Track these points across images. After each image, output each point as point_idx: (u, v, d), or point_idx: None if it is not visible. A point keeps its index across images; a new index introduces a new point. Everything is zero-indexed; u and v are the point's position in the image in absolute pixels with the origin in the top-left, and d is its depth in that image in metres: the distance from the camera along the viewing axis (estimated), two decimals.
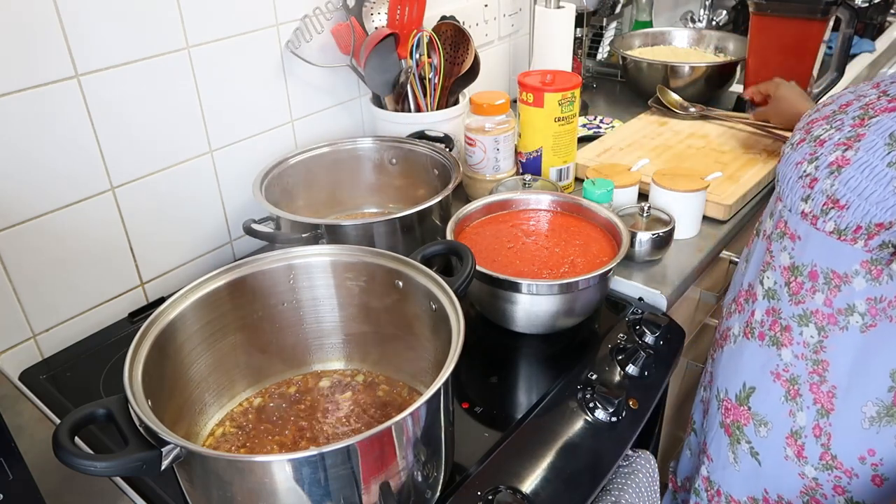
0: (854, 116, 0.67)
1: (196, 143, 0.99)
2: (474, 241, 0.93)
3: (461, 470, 0.70)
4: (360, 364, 0.83)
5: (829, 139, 0.67)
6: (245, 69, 1.02)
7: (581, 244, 0.91)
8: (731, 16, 2.05)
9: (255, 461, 0.55)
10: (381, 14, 1.12)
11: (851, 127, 0.66)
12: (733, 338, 0.82)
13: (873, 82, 0.72)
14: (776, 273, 0.74)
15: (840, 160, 0.64)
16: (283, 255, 0.76)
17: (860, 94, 0.71)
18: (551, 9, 1.33)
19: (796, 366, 0.73)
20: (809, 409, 0.73)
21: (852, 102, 0.70)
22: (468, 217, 0.96)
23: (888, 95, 0.67)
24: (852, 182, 0.63)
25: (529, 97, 1.10)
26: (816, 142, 0.68)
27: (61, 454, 0.51)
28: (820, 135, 0.69)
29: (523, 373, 0.85)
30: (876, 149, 0.62)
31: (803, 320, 0.71)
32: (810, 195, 0.66)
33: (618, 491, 0.75)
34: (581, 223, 0.95)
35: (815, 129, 0.70)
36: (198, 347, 0.72)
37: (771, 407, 0.77)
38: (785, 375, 0.74)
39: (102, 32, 0.84)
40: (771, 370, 0.76)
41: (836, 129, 0.67)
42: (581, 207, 0.96)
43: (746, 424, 0.79)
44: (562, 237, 0.93)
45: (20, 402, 0.81)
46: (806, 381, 0.73)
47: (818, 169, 0.66)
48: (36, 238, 0.84)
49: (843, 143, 0.65)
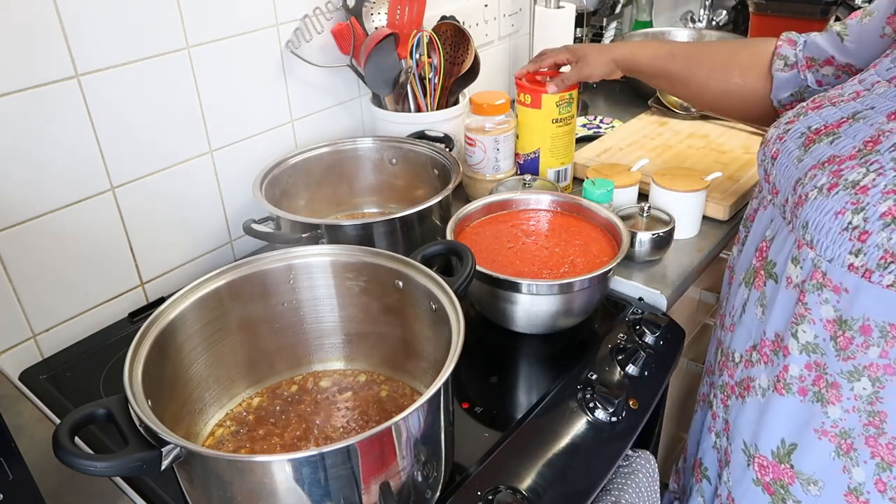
0: (893, 158, 0.61)
1: (196, 143, 0.99)
2: (474, 241, 0.93)
3: (461, 470, 0.70)
4: (361, 364, 0.83)
5: (872, 185, 0.60)
6: (245, 69, 1.02)
7: (581, 244, 0.91)
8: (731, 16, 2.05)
9: (255, 461, 0.55)
10: (381, 14, 1.12)
11: (895, 171, 0.60)
12: (759, 390, 0.75)
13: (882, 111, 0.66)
14: (816, 327, 0.67)
15: (895, 210, 0.58)
16: (283, 255, 0.76)
17: (878, 126, 0.65)
18: (551, 9, 1.34)
19: (847, 420, 0.67)
20: (867, 463, 0.67)
21: (879, 139, 0.63)
22: (468, 217, 0.96)
23: None
24: None
25: (527, 98, 1.10)
26: (857, 188, 0.61)
27: (61, 454, 0.51)
28: (858, 180, 0.61)
29: (523, 373, 0.85)
30: None
31: (854, 376, 0.66)
32: (861, 249, 0.60)
33: (618, 491, 0.75)
34: (581, 223, 0.95)
35: (848, 172, 0.63)
36: (198, 347, 0.72)
37: (820, 464, 0.70)
38: (833, 431, 0.69)
39: (102, 32, 0.84)
40: (815, 427, 0.70)
41: (876, 172, 0.61)
42: (581, 207, 0.96)
43: (791, 484, 0.73)
44: (562, 237, 0.93)
45: (20, 402, 0.81)
46: (861, 433, 0.67)
47: (868, 221, 0.59)
48: (36, 238, 0.84)
49: (893, 191, 0.59)
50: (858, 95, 0.69)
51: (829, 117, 0.69)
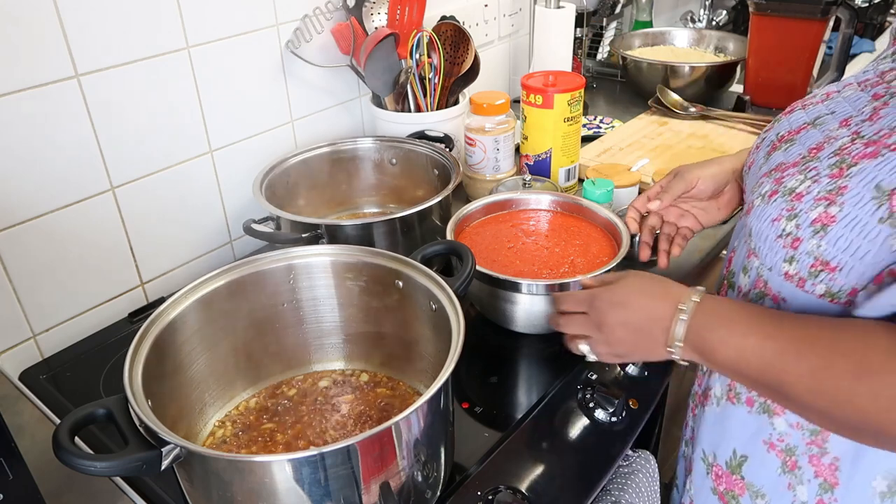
0: (830, 165, 0.58)
1: (196, 143, 0.99)
2: (474, 241, 0.93)
3: (461, 470, 0.70)
4: (361, 364, 0.83)
5: (807, 192, 0.58)
6: (245, 69, 1.02)
7: (581, 244, 0.91)
8: (731, 16, 2.06)
9: (255, 461, 0.55)
10: (381, 14, 1.12)
11: (830, 178, 0.57)
12: (716, 399, 0.74)
13: (838, 117, 0.63)
14: None
15: (824, 217, 0.56)
16: (283, 255, 0.76)
17: (827, 132, 0.62)
18: (551, 9, 1.34)
19: (792, 436, 0.66)
20: (811, 482, 0.66)
21: (823, 146, 0.61)
22: (468, 217, 0.96)
23: (863, 138, 0.58)
24: (841, 242, 0.55)
25: (538, 99, 1.10)
26: (793, 195, 0.59)
27: (61, 454, 0.51)
28: (795, 187, 0.60)
29: (523, 373, 0.85)
30: (863, 203, 0.54)
31: None
32: (794, 256, 0.58)
33: (618, 491, 0.75)
34: (581, 223, 0.95)
35: (788, 179, 0.61)
36: (198, 347, 0.72)
37: (767, 479, 0.69)
38: (780, 445, 0.67)
39: (102, 32, 0.84)
40: (764, 439, 0.68)
41: (812, 180, 0.59)
42: (581, 207, 0.96)
43: (742, 495, 0.72)
44: (562, 237, 0.93)
45: (20, 402, 0.81)
46: (805, 452, 0.65)
47: (800, 227, 0.58)
48: (36, 238, 0.84)
49: (825, 198, 0.57)
50: (828, 97, 0.67)
51: (795, 122, 0.68)
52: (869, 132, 0.58)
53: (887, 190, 0.53)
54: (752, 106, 1.49)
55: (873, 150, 0.56)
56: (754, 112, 1.47)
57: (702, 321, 0.61)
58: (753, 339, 0.58)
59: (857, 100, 0.63)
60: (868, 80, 0.64)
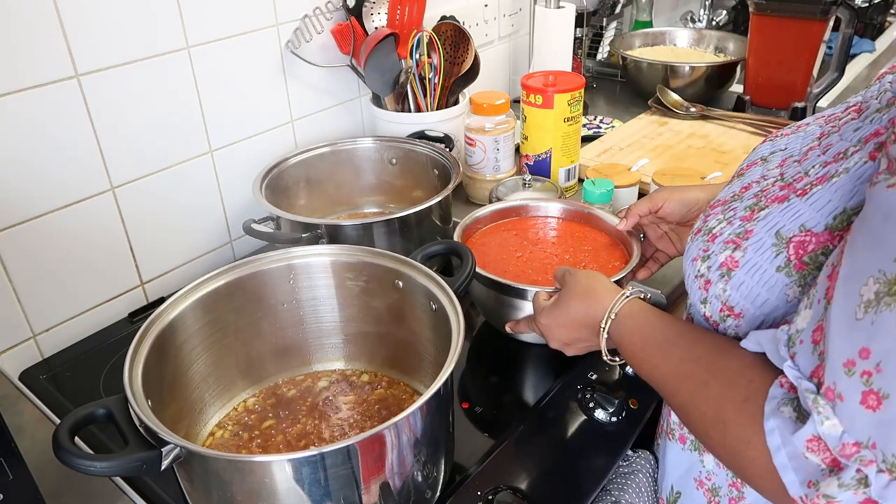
0: (746, 206, 0.57)
1: (196, 143, 0.99)
2: (481, 250, 0.91)
3: (461, 470, 0.70)
4: (361, 364, 0.83)
5: (720, 234, 0.57)
6: (245, 69, 1.02)
7: (591, 250, 0.90)
8: (731, 16, 2.06)
9: (255, 461, 0.55)
10: (381, 14, 1.12)
11: (741, 220, 0.56)
12: (662, 433, 0.74)
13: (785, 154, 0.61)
14: None
15: (730, 261, 0.55)
16: (283, 255, 0.76)
17: (766, 171, 0.61)
18: (551, 9, 1.34)
19: (717, 475, 0.65)
20: None
21: (751, 186, 0.60)
22: (475, 223, 0.94)
23: (783, 180, 0.57)
24: (744, 288, 0.54)
25: (538, 99, 1.10)
26: (709, 236, 0.58)
27: (61, 454, 0.51)
28: (713, 227, 0.59)
29: (523, 373, 0.85)
30: (764, 249, 0.53)
31: None
32: (706, 298, 0.57)
33: (618, 491, 0.75)
34: (589, 230, 0.94)
35: (711, 219, 0.60)
36: (198, 347, 0.72)
37: None
38: (707, 484, 0.66)
39: (102, 32, 0.84)
40: (695, 476, 0.67)
41: (727, 221, 0.58)
42: (590, 216, 0.94)
43: None
44: (570, 244, 0.92)
45: (20, 402, 0.81)
46: (726, 494, 0.64)
47: (710, 270, 0.57)
48: (36, 238, 0.84)
49: (732, 241, 0.56)
50: (798, 129, 0.64)
51: (755, 155, 0.65)
52: (790, 174, 0.57)
53: (786, 237, 0.52)
54: (752, 106, 1.49)
55: (784, 194, 0.55)
56: (754, 112, 1.47)
57: (618, 331, 0.65)
58: (648, 364, 0.61)
59: (809, 135, 0.61)
60: (834, 115, 0.61)
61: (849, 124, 0.55)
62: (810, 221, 0.51)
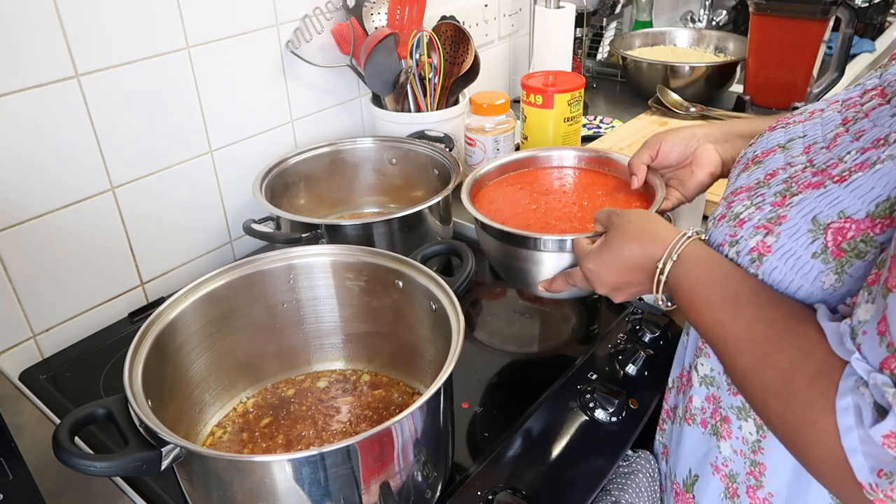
0: (776, 192, 0.56)
1: (196, 143, 0.99)
2: (491, 207, 0.85)
3: (461, 470, 0.70)
4: (361, 364, 0.83)
5: (748, 219, 0.56)
6: (245, 69, 1.02)
7: (604, 194, 0.85)
8: (731, 16, 2.06)
9: (255, 461, 0.55)
10: (381, 14, 1.12)
11: (772, 206, 0.55)
12: (677, 419, 0.73)
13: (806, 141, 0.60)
14: (711, 360, 0.66)
15: (761, 247, 0.54)
16: (283, 255, 0.76)
17: (790, 158, 0.59)
18: (551, 9, 1.33)
19: (735, 462, 0.65)
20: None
21: (778, 172, 0.59)
22: (483, 178, 0.90)
23: (814, 166, 0.56)
24: (776, 274, 0.53)
25: (538, 99, 1.11)
26: (736, 221, 0.57)
27: (61, 454, 0.51)
28: (740, 213, 0.58)
29: (523, 373, 0.85)
30: (799, 235, 0.52)
31: (742, 413, 0.63)
32: None
33: (618, 491, 0.75)
34: (608, 178, 0.90)
35: (736, 204, 0.59)
36: (198, 347, 0.72)
37: (711, 502, 0.69)
38: (724, 470, 0.66)
39: (102, 32, 0.84)
40: (711, 461, 0.68)
41: (756, 206, 0.57)
42: (610, 160, 0.89)
43: None
44: (584, 191, 0.87)
45: (20, 402, 0.81)
46: (743, 481, 0.64)
47: (739, 255, 0.56)
48: (36, 238, 0.84)
49: (764, 227, 0.54)
50: (811, 116, 0.64)
51: (771, 142, 0.64)
52: (820, 160, 0.56)
53: (823, 223, 0.51)
54: (752, 106, 1.49)
55: (818, 181, 0.54)
56: (754, 112, 1.47)
57: (678, 274, 0.61)
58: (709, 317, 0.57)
59: (830, 122, 0.60)
60: (850, 100, 0.61)
61: (879, 110, 0.54)
62: (850, 208, 0.50)
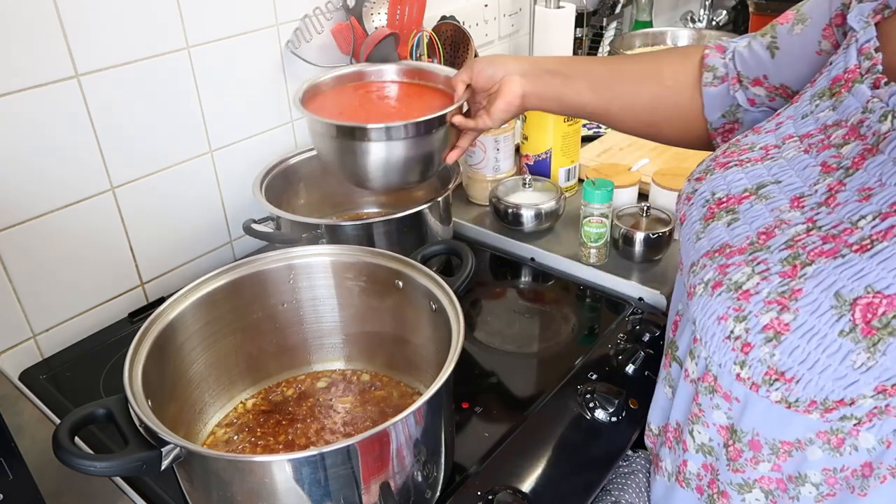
0: (782, 259, 0.51)
1: (196, 143, 0.99)
2: (324, 106, 0.93)
3: (461, 470, 0.70)
4: (361, 364, 0.83)
5: (755, 292, 0.51)
6: (245, 69, 1.02)
7: (425, 101, 0.93)
8: (731, 16, 2.05)
9: (255, 461, 0.55)
10: (381, 14, 1.12)
11: (781, 277, 0.51)
12: (666, 473, 0.69)
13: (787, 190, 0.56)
14: (710, 430, 0.61)
15: (777, 324, 0.50)
16: (283, 255, 0.76)
17: (777, 213, 0.55)
18: (551, 9, 1.34)
19: None
20: None
21: (774, 232, 0.54)
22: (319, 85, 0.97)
23: (820, 229, 0.51)
24: (798, 353, 0.49)
25: None
26: (739, 292, 0.53)
27: (61, 454, 0.51)
28: (741, 282, 0.53)
29: (523, 373, 0.85)
30: (821, 312, 0.48)
31: (744, 488, 0.60)
32: (745, 361, 0.53)
33: (618, 491, 0.75)
34: (425, 89, 0.97)
35: (733, 271, 0.54)
36: (198, 347, 0.72)
37: None
38: None
39: (102, 32, 0.84)
40: None
41: (760, 276, 0.52)
42: (422, 71, 0.99)
43: None
44: (409, 99, 0.95)
45: (20, 402, 0.81)
46: None
47: (749, 332, 0.51)
48: (36, 238, 0.84)
49: (777, 301, 0.50)
50: (767, 154, 0.60)
51: (734, 185, 0.60)
52: (826, 223, 0.51)
53: (849, 299, 0.47)
54: None
55: (832, 248, 0.49)
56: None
57: None
58: None
59: (804, 167, 0.56)
60: (810, 136, 0.57)
61: (874, 161, 0.50)
62: (880, 282, 0.46)
